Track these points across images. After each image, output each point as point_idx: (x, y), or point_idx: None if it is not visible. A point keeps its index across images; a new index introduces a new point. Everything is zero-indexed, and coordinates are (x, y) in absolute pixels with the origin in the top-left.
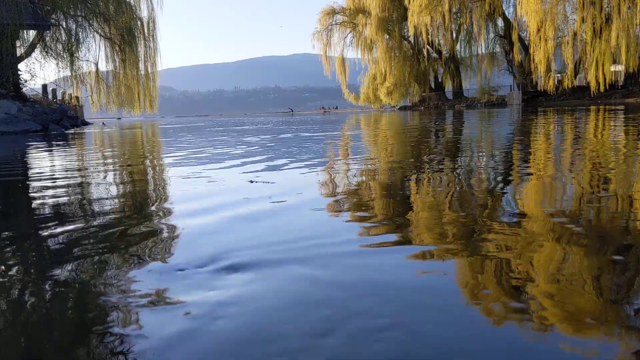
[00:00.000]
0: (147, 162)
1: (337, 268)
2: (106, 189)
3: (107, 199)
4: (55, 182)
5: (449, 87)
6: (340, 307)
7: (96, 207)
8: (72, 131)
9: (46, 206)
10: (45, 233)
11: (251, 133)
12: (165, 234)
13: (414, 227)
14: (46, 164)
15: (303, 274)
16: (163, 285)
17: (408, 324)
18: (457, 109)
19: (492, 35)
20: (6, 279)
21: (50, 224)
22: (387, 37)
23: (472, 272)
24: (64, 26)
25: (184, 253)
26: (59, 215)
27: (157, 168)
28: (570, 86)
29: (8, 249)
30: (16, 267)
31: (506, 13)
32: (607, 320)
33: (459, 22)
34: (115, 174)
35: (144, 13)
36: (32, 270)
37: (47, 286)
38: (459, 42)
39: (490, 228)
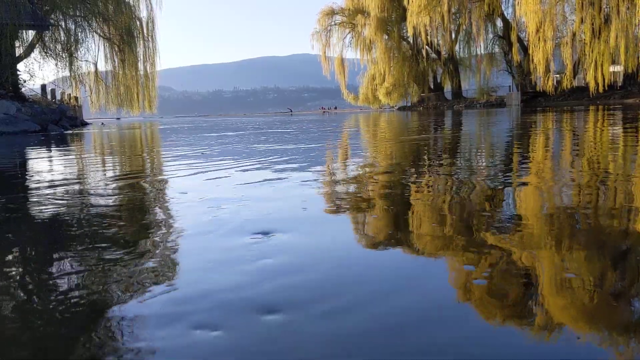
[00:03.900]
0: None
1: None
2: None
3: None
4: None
5: (448, 87)
6: None
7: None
8: (71, 132)
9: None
10: None
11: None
12: None
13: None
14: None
15: None
16: None
17: None
18: (456, 110)
19: (491, 35)
20: None
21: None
22: (386, 37)
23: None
24: (63, 26)
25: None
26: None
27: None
28: (569, 87)
29: None
30: None
31: (505, 14)
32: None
33: (458, 22)
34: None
35: (143, 13)
36: None
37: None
38: (458, 43)
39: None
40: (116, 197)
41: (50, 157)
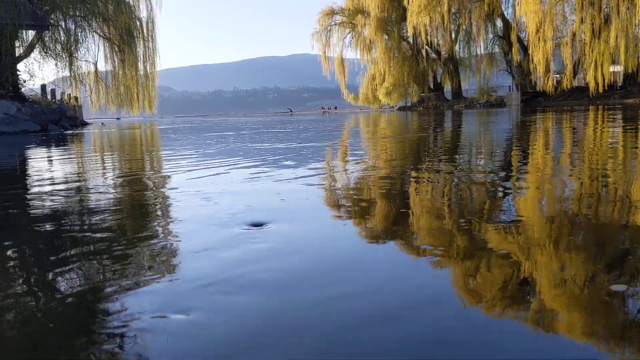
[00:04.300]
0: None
1: None
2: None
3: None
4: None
5: (448, 87)
6: None
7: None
8: (71, 132)
9: None
10: None
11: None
12: None
13: None
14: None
15: None
16: None
17: None
18: (456, 110)
19: (491, 35)
20: None
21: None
22: (386, 37)
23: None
24: (63, 26)
25: None
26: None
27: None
28: (569, 87)
29: None
30: None
31: (505, 14)
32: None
33: (458, 22)
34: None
35: (143, 13)
36: None
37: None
38: (458, 43)
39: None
40: (115, 194)
41: (53, 157)
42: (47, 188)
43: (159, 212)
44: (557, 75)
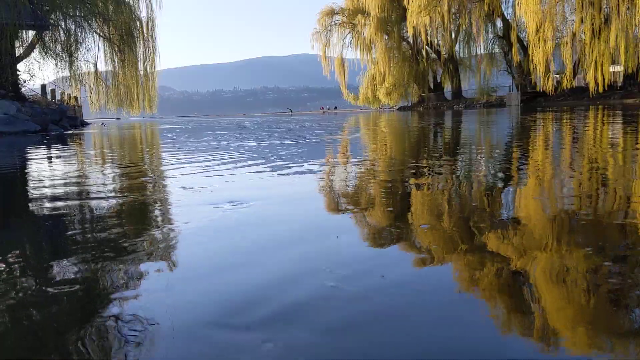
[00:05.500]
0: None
1: None
2: None
3: None
4: None
5: (448, 87)
6: None
7: None
8: (71, 132)
9: None
10: None
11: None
12: None
13: None
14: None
15: None
16: None
17: None
18: (456, 110)
19: (491, 35)
20: None
21: None
22: (386, 37)
23: None
24: (63, 26)
25: None
26: None
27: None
28: (569, 87)
29: None
30: None
31: (505, 14)
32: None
33: (458, 22)
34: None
35: (143, 13)
36: None
37: None
38: (458, 43)
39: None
40: (115, 187)
41: (56, 157)
42: (48, 183)
43: (156, 197)
44: (557, 75)
